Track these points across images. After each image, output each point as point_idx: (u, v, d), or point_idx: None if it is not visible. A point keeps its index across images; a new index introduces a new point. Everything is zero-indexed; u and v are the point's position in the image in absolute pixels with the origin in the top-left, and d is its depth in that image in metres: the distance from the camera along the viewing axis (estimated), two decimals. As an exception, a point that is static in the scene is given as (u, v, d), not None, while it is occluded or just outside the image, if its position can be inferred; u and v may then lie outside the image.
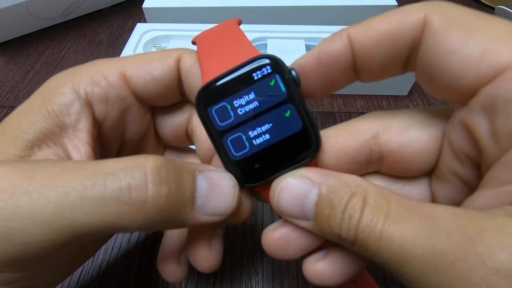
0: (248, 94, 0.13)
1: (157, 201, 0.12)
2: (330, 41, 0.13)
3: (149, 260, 0.24)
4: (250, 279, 0.23)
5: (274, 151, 0.14)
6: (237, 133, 0.13)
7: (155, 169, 0.12)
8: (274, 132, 0.13)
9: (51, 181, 0.11)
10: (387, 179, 0.16)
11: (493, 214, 0.10)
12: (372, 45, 0.12)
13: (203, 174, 0.13)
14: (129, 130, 0.17)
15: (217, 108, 0.13)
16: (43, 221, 0.11)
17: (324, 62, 0.13)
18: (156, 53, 0.16)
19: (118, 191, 0.11)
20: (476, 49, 0.11)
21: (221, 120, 0.13)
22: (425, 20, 0.12)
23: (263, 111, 0.13)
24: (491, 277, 0.09)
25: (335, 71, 0.13)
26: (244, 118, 0.13)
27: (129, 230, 0.12)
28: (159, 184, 0.12)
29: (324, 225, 0.12)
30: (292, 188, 0.13)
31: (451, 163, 0.13)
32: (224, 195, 0.14)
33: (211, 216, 0.13)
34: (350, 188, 0.12)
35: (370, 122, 0.15)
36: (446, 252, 0.09)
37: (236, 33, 0.15)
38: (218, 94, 0.13)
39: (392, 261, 0.10)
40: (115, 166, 0.12)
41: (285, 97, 0.13)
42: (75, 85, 0.15)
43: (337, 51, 0.13)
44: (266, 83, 0.13)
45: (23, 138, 0.13)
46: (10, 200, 0.11)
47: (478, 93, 0.11)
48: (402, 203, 0.11)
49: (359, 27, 0.13)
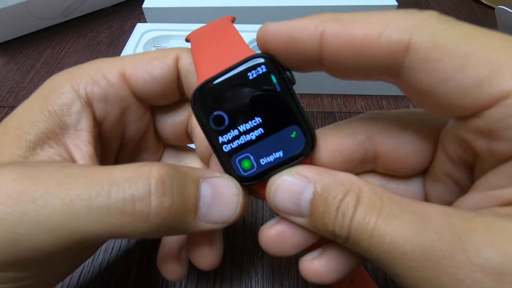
0: (242, 94, 0.13)
1: (160, 212, 0.12)
2: (302, 28, 0.12)
3: (149, 260, 0.24)
4: (250, 279, 0.23)
5: None
6: (233, 130, 0.14)
7: (159, 180, 0.12)
8: None
9: (57, 188, 0.11)
10: (382, 178, 0.16)
11: (482, 214, 0.10)
12: (343, 52, 0.11)
13: (207, 182, 0.13)
14: (129, 129, 0.17)
15: (215, 116, 0.13)
16: (49, 228, 0.11)
17: (290, 45, 0.12)
18: (155, 52, 0.16)
19: (122, 202, 0.11)
20: (473, 77, 0.10)
21: (216, 125, 0.13)
22: (409, 42, 0.10)
23: (258, 110, 0.13)
24: (477, 274, 0.09)
25: (300, 57, 0.12)
26: (239, 118, 0.13)
27: (132, 237, 0.12)
28: (162, 196, 0.12)
29: (319, 222, 0.12)
30: (288, 186, 0.13)
31: (444, 165, 0.13)
32: (228, 203, 0.14)
33: (214, 224, 0.13)
34: (345, 186, 0.12)
35: (366, 122, 0.15)
36: (434, 249, 0.10)
37: (230, 31, 0.15)
38: (214, 94, 0.13)
39: (383, 257, 0.11)
40: (119, 176, 0.12)
41: (279, 96, 0.13)
42: (75, 84, 0.15)
43: (305, 43, 0.12)
44: (260, 82, 0.13)
45: (25, 138, 0.13)
46: (16, 207, 0.11)
47: (478, 115, 0.11)
48: (395, 201, 0.11)
49: (335, 25, 0.11)
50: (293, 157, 0.14)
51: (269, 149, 0.14)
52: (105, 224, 0.11)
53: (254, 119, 0.13)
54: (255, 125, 0.13)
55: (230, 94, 0.13)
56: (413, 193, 0.15)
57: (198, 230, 0.13)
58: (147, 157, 0.19)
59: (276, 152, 0.14)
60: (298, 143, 0.13)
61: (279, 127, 0.13)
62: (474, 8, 0.49)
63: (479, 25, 0.11)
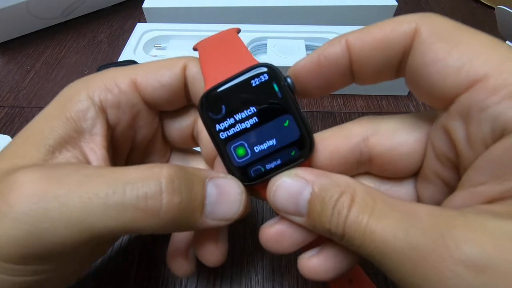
0: (246, 100, 0.14)
1: (170, 209, 0.13)
2: (329, 45, 0.14)
3: (149, 260, 0.24)
4: (250, 279, 0.23)
5: None
6: (237, 135, 0.15)
7: (169, 179, 0.13)
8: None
9: (77, 187, 0.12)
10: (376, 180, 0.17)
11: (464, 212, 0.11)
12: (368, 50, 0.13)
13: (213, 182, 0.14)
14: (139, 133, 0.18)
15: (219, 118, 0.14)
16: (70, 223, 0.12)
17: (323, 65, 0.14)
18: (164, 61, 0.17)
19: (136, 199, 0.12)
20: (457, 61, 0.12)
21: (221, 128, 0.14)
22: (415, 30, 0.13)
23: (261, 115, 0.14)
24: (457, 267, 0.10)
25: (333, 73, 0.14)
26: (243, 123, 0.14)
27: (144, 232, 0.13)
28: (172, 194, 0.13)
29: (316, 221, 0.13)
30: (287, 187, 0.14)
31: (433, 165, 0.14)
32: (232, 201, 0.14)
33: (219, 221, 0.14)
34: (340, 187, 0.13)
35: (361, 126, 0.16)
36: (420, 245, 0.10)
37: (236, 42, 0.16)
38: (219, 100, 0.14)
39: (375, 253, 0.11)
40: (133, 175, 0.13)
41: (281, 102, 0.14)
42: (90, 92, 0.16)
43: (336, 55, 0.14)
44: (263, 89, 0.14)
45: (45, 143, 0.14)
46: (41, 203, 0.12)
47: (455, 101, 0.12)
48: (386, 201, 0.12)
49: (356, 33, 0.14)
50: (290, 156, 0.14)
51: (262, 137, 0.14)
52: (120, 220, 0.12)
53: (253, 118, 0.14)
54: (250, 114, 0.14)
55: (234, 99, 0.14)
56: (406, 194, 0.16)
57: (205, 227, 0.14)
58: (156, 159, 0.20)
59: (270, 140, 0.14)
60: (291, 132, 0.14)
61: (273, 117, 0.14)
62: (474, 8, 0.49)
63: (479, 25, 0.11)
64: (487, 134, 0.11)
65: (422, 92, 0.13)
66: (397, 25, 0.13)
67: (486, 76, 0.11)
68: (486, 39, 0.12)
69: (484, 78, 0.11)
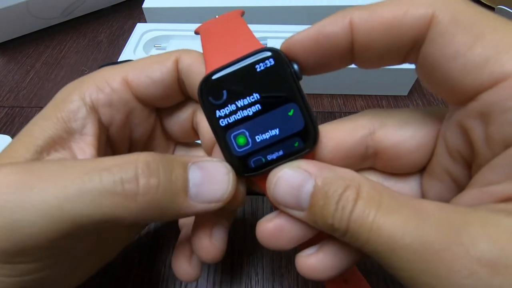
0: (250, 85, 0.13)
1: (147, 192, 0.12)
2: (330, 22, 0.13)
3: (149, 260, 0.24)
4: (250, 279, 0.23)
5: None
6: (238, 123, 0.14)
7: (145, 164, 0.13)
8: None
9: (52, 177, 0.12)
10: (381, 176, 0.16)
11: (478, 209, 0.11)
12: (374, 34, 0.12)
13: (196, 164, 0.14)
14: (135, 131, 0.18)
15: (219, 103, 0.14)
16: (44, 212, 0.12)
17: (321, 43, 0.13)
18: (156, 56, 0.17)
19: (112, 184, 0.12)
20: (480, 56, 0.11)
21: (221, 113, 0.14)
22: (432, 16, 0.11)
23: (264, 102, 0.13)
24: (473, 266, 0.09)
25: (331, 53, 0.13)
26: (245, 110, 0.14)
27: (127, 221, 0.12)
28: (148, 176, 0.12)
29: (318, 215, 0.13)
30: (289, 179, 0.13)
31: (444, 161, 0.14)
32: (219, 182, 0.14)
33: (208, 204, 0.14)
34: (345, 181, 0.12)
35: (367, 118, 0.15)
36: (432, 242, 0.10)
37: (240, 24, 0.15)
38: (221, 84, 0.13)
39: (381, 250, 0.11)
40: (110, 163, 0.13)
41: (286, 90, 0.13)
42: (82, 93, 0.16)
43: (336, 35, 0.13)
44: (268, 75, 0.13)
45: (34, 144, 0.14)
46: (14, 195, 0.12)
47: (476, 98, 0.11)
48: (393, 196, 0.12)
49: (363, 12, 0.12)
50: (293, 147, 0.14)
51: (265, 126, 0.14)
52: (97, 206, 0.12)
53: (256, 106, 0.13)
54: (253, 101, 0.13)
55: (237, 84, 0.13)
56: (410, 191, 0.16)
57: (193, 211, 0.14)
58: None
59: (272, 130, 0.14)
60: (295, 122, 0.14)
61: (277, 105, 0.13)
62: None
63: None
64: (509, 136, 0.11)
65: (437, 86, 0.12)
66: (412, 9, 0.11)
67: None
68: (511, 28, 0.11)
69: (510, 77, 0.10)
